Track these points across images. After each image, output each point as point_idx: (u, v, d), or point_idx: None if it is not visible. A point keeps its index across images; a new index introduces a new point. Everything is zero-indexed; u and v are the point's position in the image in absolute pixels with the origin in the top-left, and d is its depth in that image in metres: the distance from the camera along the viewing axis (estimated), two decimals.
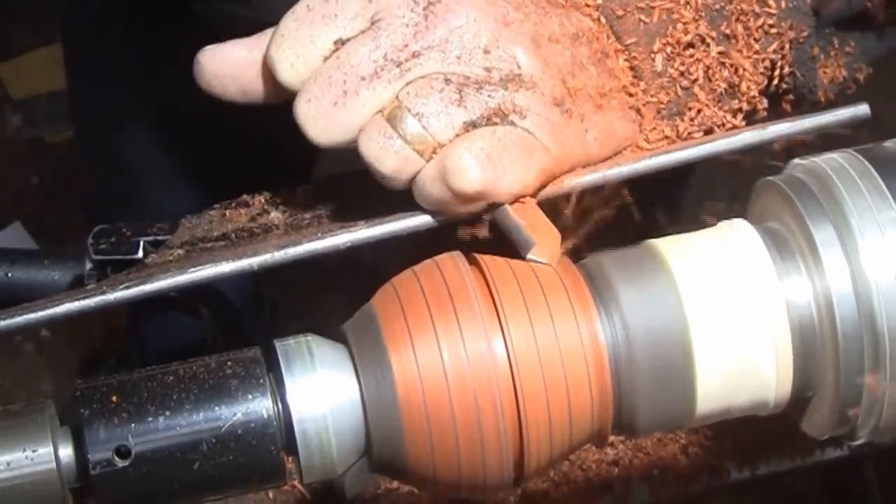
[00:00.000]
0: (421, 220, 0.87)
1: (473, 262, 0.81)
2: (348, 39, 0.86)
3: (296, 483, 0.93)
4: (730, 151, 0.90)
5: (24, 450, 0.75)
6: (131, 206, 1.58)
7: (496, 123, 0.84)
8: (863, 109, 0.90)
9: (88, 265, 1.07)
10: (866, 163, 0.80)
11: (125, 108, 1.59)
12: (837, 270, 0.78)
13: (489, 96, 0.85)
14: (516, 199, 0.85)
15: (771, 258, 0.80)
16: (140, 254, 1.04)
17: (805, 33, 0.97)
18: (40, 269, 1.17)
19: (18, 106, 3.20)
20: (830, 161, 0.81)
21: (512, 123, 0.85)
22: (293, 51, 0.87)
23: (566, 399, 0.78)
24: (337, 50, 0.86)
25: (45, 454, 0.75)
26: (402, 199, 0.88)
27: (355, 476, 1.11)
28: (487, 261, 0.81)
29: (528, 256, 0.82)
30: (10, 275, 1.17)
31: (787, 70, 0.98)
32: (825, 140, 0.92)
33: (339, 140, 0.86)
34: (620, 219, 1.01)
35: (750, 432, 1.17)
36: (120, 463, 0.75)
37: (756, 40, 0.94)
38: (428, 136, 0.84)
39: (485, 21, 0.86)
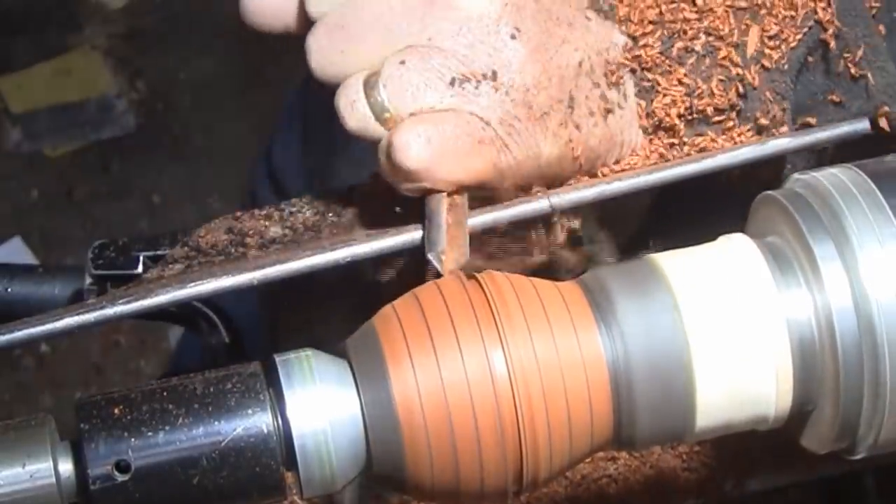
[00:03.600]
0: (420, 234, 0.87)
1: (473, 278, 0.81)
2: None
3: (295, 498, 0.93)
4: (728, 167, 0.90)
5: (24, 465, 0.75)
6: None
7: (458, 111, 0.85)
8: (863, 125, 0.90)
9: (88, 280, 1.08)
10: (866, 178, 0.80)
11: None
12: (837, 285, 0.78)
13: (467, 83, 0.86)
14: (455, 191, 0.87)
15: (771, 273, 0.80)
16: (140, 268, 1.04)
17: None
18: (40, 283, 1.17)
19: (18, 120, 3.20)
20: (830, 176, 0.81)
21: (473, 114, 0.86)
22: None
23: (566, 413, 0.78)
24: None
25: (44, 469, 0.75)
26: (405, 213, 0.88)
27: (355, 491, 1.11)
28: (487, 276, 0.81)
29: (428, 255, 0.83)
30: (9, 289, 1.17)
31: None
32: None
33: (333, 81, 0.89)
34: (620, 231, 1.01)
35: (749, 447, 1.17)
36: (120, 478, 0.75)
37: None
38: (390, 109, 0.86)
39: (495, 4, 0.87)
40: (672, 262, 0.81)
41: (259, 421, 0.77)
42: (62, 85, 3.22)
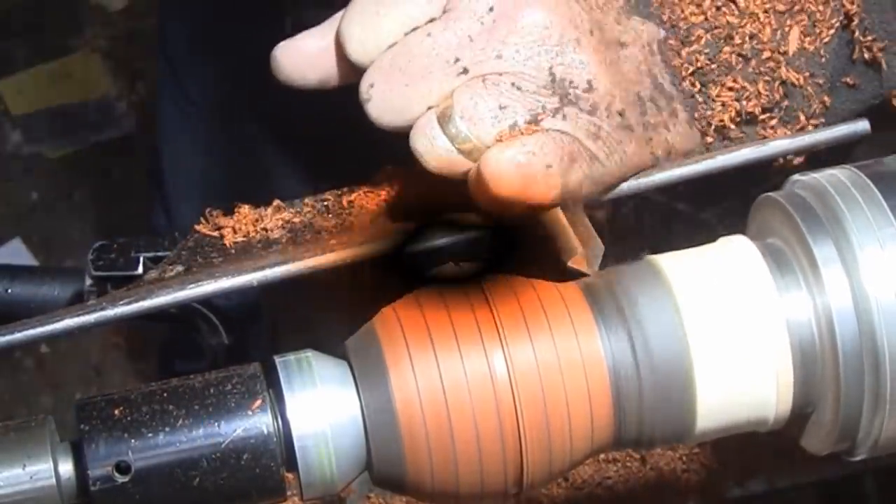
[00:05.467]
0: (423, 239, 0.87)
1: (473, 280, 0.81)
2: (418, 23, 0.86)
3: (296, 499, 0.93)
4: (727, 168, 0.90)
5: (24, 466, 0.75)
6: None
7: (542, 130, 0.84)
8: (862, 126, 0.90)
9: (88, 281, 1.08)
10: (866, 179, 0.80)
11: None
12: (838, 286, 0.78)
13: (544, 101, 0.84)
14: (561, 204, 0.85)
15: (771, 274, 0.80)
16: (140, 269, 1.04)
17: None
18: (40, 285, 1.17)
19: (18, 121, 3.20)
20: (830, 177, 0.81)
21: (560, 130, 0.84)
22: (363, 28, 0.87)
23: (566, 415, 0.78)
24: (406, 34, 0.86)
25: (44, 470, 0.75)
26: (410, 213, 0.88)
27: (355, 491, 1.11)
28: (487, 278, 0.81)
29: (569, 265, 0.82)
30: (9, 291, 1.17)
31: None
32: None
33: (398, 125, 0.86)
34: (621, 233, 1.01)
35: (750, 448, 1.17)
36: (120, 479, 0.75)
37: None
38: (473, 139, 0.84)
39: (554, 21, 0.85)
40: (672, 264, 0.81)
41: (259, 422, 0.77)
42: (62, 87, 3.21)
